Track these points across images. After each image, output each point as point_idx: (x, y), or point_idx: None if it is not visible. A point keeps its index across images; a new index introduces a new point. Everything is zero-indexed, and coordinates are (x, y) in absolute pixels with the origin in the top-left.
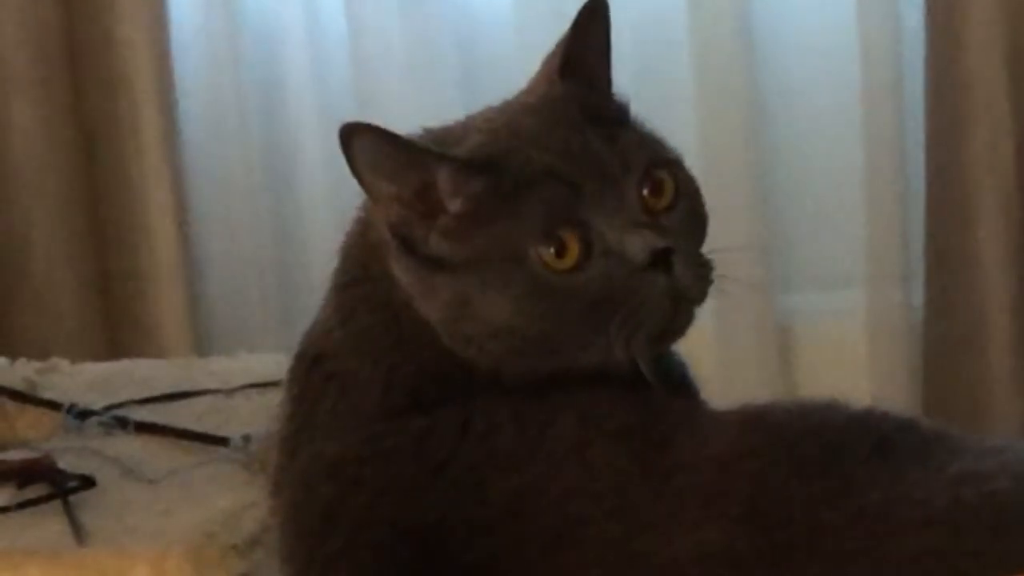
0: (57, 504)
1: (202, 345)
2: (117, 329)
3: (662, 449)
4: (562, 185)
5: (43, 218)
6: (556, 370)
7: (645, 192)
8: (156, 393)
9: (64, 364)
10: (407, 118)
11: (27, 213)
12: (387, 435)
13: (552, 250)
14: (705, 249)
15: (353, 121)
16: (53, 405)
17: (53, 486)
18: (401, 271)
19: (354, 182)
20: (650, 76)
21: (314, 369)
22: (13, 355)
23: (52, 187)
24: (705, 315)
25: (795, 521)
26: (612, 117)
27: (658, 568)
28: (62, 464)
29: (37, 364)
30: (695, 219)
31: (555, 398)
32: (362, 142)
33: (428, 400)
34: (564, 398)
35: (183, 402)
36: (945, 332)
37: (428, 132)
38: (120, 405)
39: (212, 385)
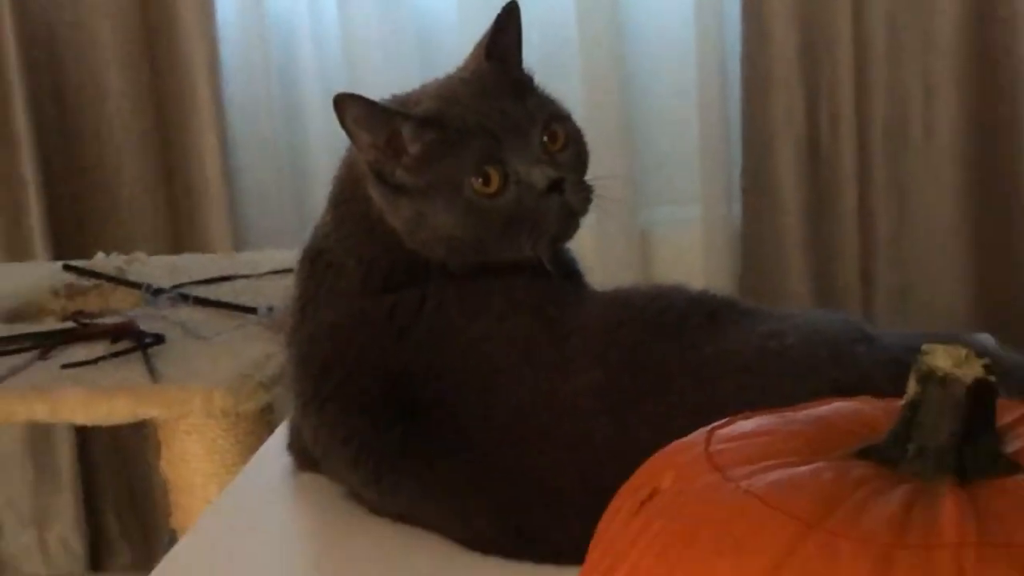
0: (138, 354)
1: (239, 242)
2: (180, 232)
3: (561, 319)
4: (488, 136)
5: (129, 156)
6: (486, 263)
7: (545, 139)
8: (207, 277)
9: (143, 256)
10: (382, 87)
11: (118, 151)
12: (367, 308)
13: (481, 180)
14: (588, 178)
15: (343, 92)
16: (136, 285)
17: (136, 342)
18: (376, 195)
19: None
20: (548, 56)
21: (316, 260)
22: (108, 251)
23: (136, 129)
24: (587, 226)
25: (655, 367)
26: (522, 86)
27: (560, 398)
28: (142, 326)
29: (124, 257)
30: (580, 157)
31: (487, 282)
32: (349, 106)
33: (396, 283)
34: (493, 282)
35: (226, 284)
36: (755, 237)
37: (395, 98)
38: (182, 285)
39: (246, 271)
